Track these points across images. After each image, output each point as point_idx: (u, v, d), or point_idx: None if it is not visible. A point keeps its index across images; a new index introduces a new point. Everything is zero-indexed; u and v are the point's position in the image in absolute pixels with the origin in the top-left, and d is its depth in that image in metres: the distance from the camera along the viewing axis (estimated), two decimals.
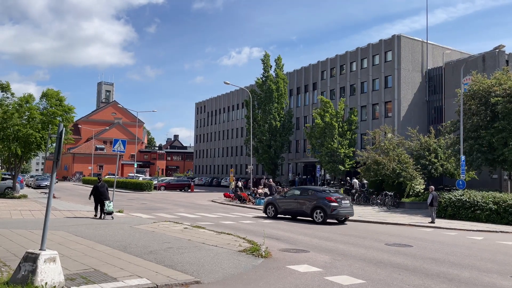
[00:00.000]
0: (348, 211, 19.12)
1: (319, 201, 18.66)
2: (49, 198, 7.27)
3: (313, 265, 9.36)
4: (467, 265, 10.11)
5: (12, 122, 25.77)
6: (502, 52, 37.49)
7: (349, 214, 19.29)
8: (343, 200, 19.09)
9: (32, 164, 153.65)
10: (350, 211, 19.27)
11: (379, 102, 45.14)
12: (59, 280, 6.58)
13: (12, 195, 28.16)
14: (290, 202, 20.07)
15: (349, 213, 19.23)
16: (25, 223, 14.93)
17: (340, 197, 19.21)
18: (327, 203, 18.45)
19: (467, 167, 26.50)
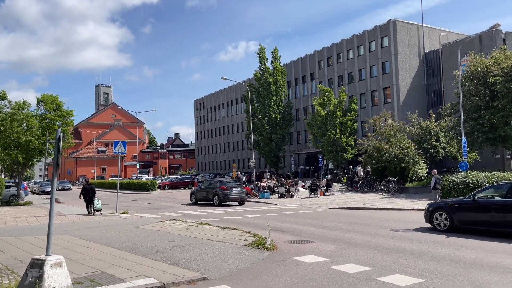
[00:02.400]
0: (238, 196, 24.53)
1: (216, 190, 24.48)
2: (52, 203, 7.29)
3: (319, 255, 9.39)
4: (473, 246, 10.12)
5: (12, 130, 25.83)
6: (498, 31, 37.26)
7: (239, 198, 24.66)
8: (234, 188, 24.46)
9: (36, 171, 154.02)
10: (241, 196, 24.73)
11: (378, 89, 45.00)
12: (66, 284, 6.62)
13: (17, 203, 28.28)
14: (203, 192, 25.93)
15: (239, 197, 24.64)
16: (31, 230, 14.99)
17: (232, 186, 24.55)
18: (220, 191, 24.07)
19: (469, 148, 26.46)
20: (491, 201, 11.81)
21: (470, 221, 12.09)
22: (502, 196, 11.63)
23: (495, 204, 11.56)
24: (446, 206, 12.76)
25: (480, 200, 11.95)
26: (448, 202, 13.07)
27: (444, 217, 12.59)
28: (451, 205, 12.69)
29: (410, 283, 6.97)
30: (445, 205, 12.90)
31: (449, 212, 12.49)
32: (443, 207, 12.86)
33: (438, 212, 12.81)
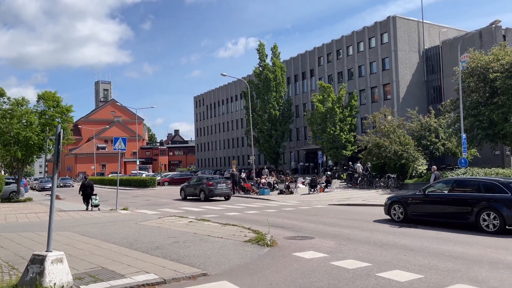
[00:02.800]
0: (223, 191, 25.75)
1: (203, 186, 25.84)
2: (52, 199, 7.30)
3: (319, 251, 9.42)
4: (474, 242, 10.16)
5: (12, 126, 25.84)
6: (498, 27, 37.20)
7: (224, 194, 25.86)
8: (219, 184, 25.78)
9: (36, 167, 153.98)
10: (226, 192, 25.91)
11: (378, 85, 44.97)
12: (67, 280, 6.64)
13: (17, 199, 28.31)
14: (191, 187, 27.22)
15: (224, 193, 25.82)
16: (31, 226, 15.02)
17: (217, 182, 25.93)
18: (206, 187, 25.47)
19: (468, 144, 26.48)
20: (439, 194, 13.21)
21: (422, 213, 13.39)
22: (448, 190, 13.03)
23: (442, 197, 13.00)
24: (401, 200, 14.11)
25: (430, 194, 13.40)
26: (403, 196, 14.40)
27: (399, 210, 13.91)
28: (405, 199, 14.02)
29: (409, 278, 7.00)
30: (400, 199, 14.21)
31: (404, 205, 13.81)
32: (399, 200, 14.20)
33: (395, 205, 14.15)
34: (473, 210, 11.86)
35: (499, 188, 11.79)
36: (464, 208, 12.18)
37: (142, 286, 6.85)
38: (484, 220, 11.58)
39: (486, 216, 11.54)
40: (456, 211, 12.42)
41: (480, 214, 11.67)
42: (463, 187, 12.85)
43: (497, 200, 11.52)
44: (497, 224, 11.26)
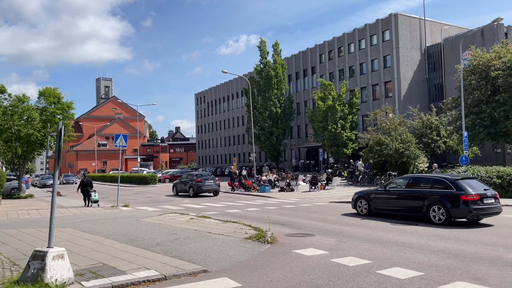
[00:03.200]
0: (211, 187, 27.26)
1: (192, 182, 27.42)
2: (53, 196, 7.32)
3: (319, 248, 9.43)
4: (472, 240, 10.16)
5: (12, 123, 25.89)
6: (500, 25, 37.11)
7: (212, 190, 27.36)
8: (207, 181, 27.29)
9: (37, 164, 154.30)
10: (213, 188, 27.36)
11: (379, 83, 44.91)
12: (68, 276, 6.66)
13: (18, 195, 28.38)
14: (182, 184, 28.77)
15: (212, 189, 27.34)
16: (32, 222, 15.06)
17: (205, 179, 27.41)
18: (194, 183, 27.04)
19: (470, 142, 26.46)
20: (398, 190, 14.45)
21: (383, 207, 14.67)
22: (405, 186, 14.29)
23: (400, 193, 14.25)
24: (366, 195, 15.38)
25: (390, 189, 14.65)
26: (367, 192, 15.66)
27: (364, 204, 15.24)
28: (369, 194, 15.34)
29: (409, 276, 7.01)
30: (365, 194, 15.51)
31: (368, 200, 15.12)
32: (363, 196, 15.49)
33: (360, 200, 15.46)
34: (424, 204, 13.11)
35: (447, 184, 12.99)
36: (418, 202, 13.41)
37: (143, 283, 6.87)
38: (433, 213, 12.83)
39: (435, 210, 12.81)
40: (412, 205, 13.67)
41: (430, 207, 12.94)
42: (418, 183, 14.12)
43: (444, 196, 12.74)
44: (444, 217, 12.54)
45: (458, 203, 12.39)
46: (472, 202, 12.28)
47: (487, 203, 12.56)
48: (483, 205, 12.45)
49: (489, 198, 12.73)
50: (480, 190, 12.79)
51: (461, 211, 12.40)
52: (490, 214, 12.79)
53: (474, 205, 12.28)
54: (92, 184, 21.93)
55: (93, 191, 21.37)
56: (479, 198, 12.39)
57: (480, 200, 12.41)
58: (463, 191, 12.52)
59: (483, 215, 12.67)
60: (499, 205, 12.98)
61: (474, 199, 12.32)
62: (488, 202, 12.64)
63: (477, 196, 12.39)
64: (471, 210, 12.24)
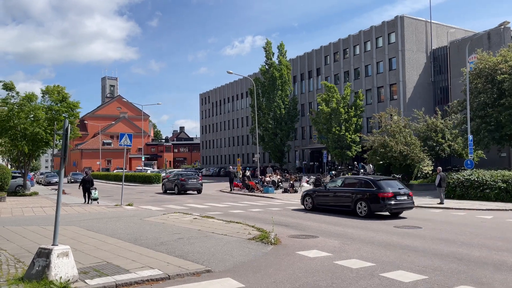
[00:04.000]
0: (193, 186, 29.37)
1: (177, 181, 29.73)
2: (59, 194, 7.36)
3: (323, 250, 9.42)
4: (477, 244, 10.12)
5: (19, 121, 26.02)
6: (507, 28, 36.92)
7: (195, 188, 29.50)
8: (190, 180, 29.58)
9: (42, 162, 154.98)
10: (196, 186, 29.49)
11: (384, 85, 44.81)
12: (72, 274, 6.69)
13: (23, 193, 28.53)
14: (170, 183, 31.15)
15: (195, 187, 29.50)
16: (37, 220, 15.14)
17: (189, 178, 29.76)
18: (179, 182, 29.44)
19: (475, 146, 26.33)
20: (335, 189, 17.16)
21: (324, 203, 17.24)
22: (340, 186, 17.07)
23: (336, 191, 16.94)
24: (310, 193, 18.11)
25: (329, 188, 17.48)
26: (313, 190, 18.57)
27: (309, 201, 17.81)
28: (313, 192, 18.16)
29: (413, 279, 6.99)
30: (310, 192, 18.23)
31: (312, 197, 17.74)
32: (309, 193, 18.15)
33: (306, 197, 18.08)
34: (353, 200, 15.77)
35: (370, 184, 15.67)
36: (348, 199, 16.05)
37: (146, 282, 6.89)
38: (359, 208, 15.47)
39: (359, 205, 15.43)
40: (344, 201, 16.33)
41: (356, 203, 15.60)
42: (350, 183, 16.85)
43: (367, 193, 15.35)
44: (366, 211, 15.17)
45: (376, 199, 14.99)
46: (387, 199, 14.84)
47: (400, 200, 15.14)
48: (396, 201, 15.04)
49: (402, 195, 15.27)
50: (395, 189, 15.31)
51: (378, 205, 15.02)
52: (402, 208, 15.49)
53: (389, 201, 14.85)
54: (93, 181, 22.51)
55: (93, 188, 21.88)
56: (392, 195, 14.95)
57: (393, 197, 14.95)
58: (381, 189, 15.09)
59: (396, 209, 15.25)
60: (411, 202, 15.61)
61: (388, 196, 14.87)
62: (401, 199, 15.20)
63: (391, 193, 14.95)
64: (386, 205, 14.88)
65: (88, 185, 21.92)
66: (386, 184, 15.56)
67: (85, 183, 22.04)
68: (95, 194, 21.77)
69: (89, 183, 21.99)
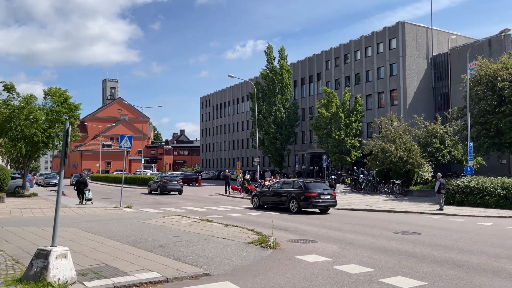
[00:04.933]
0: (174, 187, 32.79)
1: (160, 182, 33.47)
2: (58, 195, 7.36)
3: (322, 254, 9.40)
4: (476, 251, 10.10)
5: (18, 122, 26.05)
6: (508, 36, 36.98)
7: (176, 189, 32.77)
8: (171, 181, 33.16)
9: (41, 163, 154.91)
10: (177, 187, 32.76)
11: (385, 91, 44.85)
12: (71, 276, 6.68)
13: (22, 194, 28.50)
14: (154, 184, 34.29)
15: (175, 189, 32.76)
16: (36, 221, 15.12)
17: (170, 180, 33.53)
18: (161, 183, 33.08)
19: (474, 153, 26.32)
20: (275, 190, 20.35)
21: (267, 201, 20.48)
22: (279, 187, 20.36)
23: (276, 191, 20.14)
24: (258, 194, 21.45)
25: (271, 189, 20.62)
26: (259, 191, 21.81)
27: (256, 200, 20.97)
28: (259, 192, 21.56)
29: (413, 285, 6.97)
30: (258, 193, 21.56)
31: (259, 197, 20.98)
32: (257, 194, 21.45)
33: (254, 197, 21.31)
34: (287, 199, 19.07)
35: (300, 186, 18.94)
36: (284, 198, 19.34)
37: (145, 284, 6.88)
38: (291, 205, 18.80)
39: (292, 203, 18.76)
40: (281, 199, 19.56)
41: (290, 201, 18.91)
42: (286, 185, 20.14)
43: (297, 193, 18.65)
44: (296, 208, 18.51)
45: (304, 198, 18.21)
46: (313, 197, 18.13)
47: (323, 199, 18.40)
48: (320, 199, 18.30)
49: (326, 195, 18.56)
50: (320, 190, 18.55)
51: (306, 203, 18.22)
52: (326, 206, 18.76)
53: (313, 200, 18.13)
54: (87, 183, 23.61)
55: (87, 189, 22.79)
56: (317, 195, 18.21)
57: (318, 196, 18.19)
58: (308, 190, 18.32)
59: (320, 206, 18.53)
60: (334, 201, 18.94)
61: (314, 196, 18.15)
62: (324, 198, 18.44)
63: (316, 193, 18.21)
64: (311, 202, 18.13)
65: (82, 186, 22.79)
66: (313, 186, 18.79)
67: (79, 184, 22.92)
68: (89, 195, 22.56)
69: (83, 184, 22.88)
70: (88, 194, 22.66)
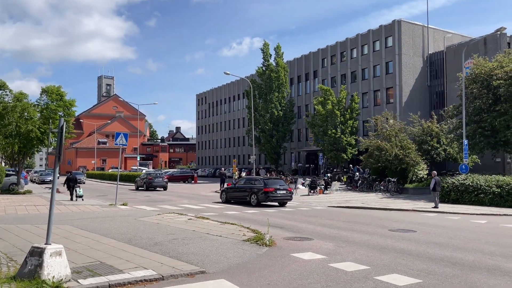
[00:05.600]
0: (159, 184, 34.86)
1: (146, 179, 35.65)
2: (53, 192, 7.30)
3: (317, 252, 9.41)
4: (471, 248, 10.14)
5: (12, 119, 25.88)
6: (503, 34, 37.15)
7: (160, 185, 34.91)
8: (156, 178, 35.24)
9: (36, 160, 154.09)
10: (161, 184, 34.91)
11: (381, 89, 44.94)
12: (65, 273, 6.64)
13: (17, 191, 28.34)
14: (141, 181, 36.62)
15: (160, 185, 34.82)
16: (30, 218, 15.04)
17: (155, 177, 35.49)
18: (147, 180, 35.18)
19: (469, 151, 26.43)
20: (239, 186, 22.85)
21: (233, 196, 22.87)
22: (243, 183, 22.93)
23: (240, 187, 22.68)
24: (225, 190, 23.85)
25: (236, 186, 23.17)
26: (226, 188, 24.30)
27: (224, 195, 23.39)
28: (227, 189, 23.91)
29: (408, 283, 6.99)
30: (226, 189, 23.97)
31: (226, 192, 23.44)
32: (225, 190, 23.92)
33: (223, 193, 23.88)
34: (249, 194, 21.47)
35: (260, 182, 21.48)
36: (246, 193, 21.71)
37: (140, 282, 6.85)
38: (252, 199, 21.14)
39: (252, 197, 21.13)
40: (243, 194, 21.95)
41: (251, 196, 21.29)
42: (249, 182, 22.71)
43: (256, 189, 21.11)
44: (256, 201, 20.86)
45: (262, 193, 20.56)
46: (269, 192, 20.48)
47: (279, 193, 20.81)
48: (276, 194, 20.64)
49: (282, 190, 20.90)
50: (277, 186, 20.92)
51: (263, 197, 20.59)
52: (282, 200, 21.10)
53: (270, 194, 20.49)
54: (77, 180, 24.82)
55: (77, 186, 23.76)
56: (274, 190, 20.60)
57: (274, 191, 20.57)
58: (266, 186, 20.72)
59: (276, 200, 20.78)
60: (289, 195, 21.45)
61: (270, 191, 20.52)
62: (280, 193, 20.80)
63: (273, 189, 20.59)
64: (268, 196, 20.51)
65: (72, 183, 23.61)
66: (271, 182, 21.33)
67: (69, 181, 23.79)
68: (79, 191, 23.29)
69: (73, 181, 23.74)
70: (79, 191, 23.31)
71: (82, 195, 23.39)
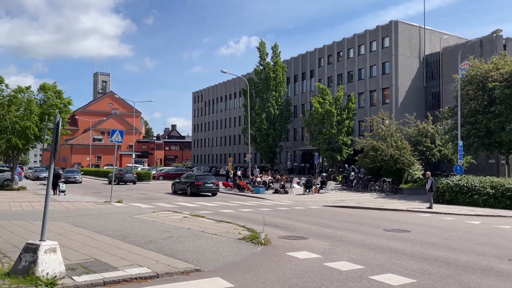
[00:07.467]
0: (129, 179, 40.46)
1: (118, 175, 38.39)
2: (48, 189, 7.27)
3: (312, 251, 9.43)
4: (465, 249, 10.20)
5: (8, 114, 25.68)
6: (499, 36, 37.32)
7: (130, 180, 40.26)
8: (126, 174, 41.01)
9: (30, 156, 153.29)
10: (131, 179, 40.54)
11: (377, 89, 45.03)
12: (60, 270, 6.62)
13: (11, 187, 28.19)
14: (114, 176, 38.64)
15: (129, 180, 40.33)
16: (24, 215, 14.96)
17: (125, 173, 41.54)
18: (119, 175, 39.34)
19: (464, 152, 26.57)
20: (183, 180, 28.22)
21: (179, 188, 28.26)
22: (185, 178, 28.41)
23: (182, 181, 28.25)
24: (175, 183, 29.21)
25: (181, 180, 28.58)
26: (175, 181, 29.55)
27: (174, 187, 28.95)
28: (175, 182, 29.30)
29: (402, 282, 7.02)
30: (175, 182, 29.30)
31: (174, 185, 28.96)
32: (174, 183, 29.33)
33: (173, 185, 29.27)
34: (186, 186, 27.05)
35: (195, 177, 27.59)
36: (185, 185, 27.31)
37: (135, 280, 6.84)
38: (188, 190, 26.72)
39: (188, 189, 26.69)
40: (183, 187, 27.42)
41: (187, 188, 27.04)
42: (188, 177, 28.43)
43: (191, 182, 26.78)
44: (190, 192, 26.51)
45: (194, 186, 26.36)
46: (199, 185, 26.30)
47: (207, 186, 26.48)
48: (204, 187, 26.45)
49: (210, 184, 26.62)
50: (205, 180, 26.76)
51: (194, 188, 26.32)
52: (208, 191, 26.72)
53: (200, 187, 26.31)
54: (60, 176, 26.79)
55: (61, 181, 25.11)
56: (202, 183, 26.43)
57: (203, 185, 26.38)
58: (197, 180, 26.69)
59: (204, 191, 26.56)
60: (216, 188, 27.07)
61: (200, 184, 26.36)
62: (208, 186, 26.51)
63: (201, 182, 26.48)
64: (198, 188, 26.28)
65: (56, 179, 24.37)
66: (202, 177, 27.34)
67: (54, 177, 24.11)
68: (62, 186, 24.76)
69: (56, 177, 24.62)
70: (62, 186, 24.73)
71: (64, 190, 24.66)
